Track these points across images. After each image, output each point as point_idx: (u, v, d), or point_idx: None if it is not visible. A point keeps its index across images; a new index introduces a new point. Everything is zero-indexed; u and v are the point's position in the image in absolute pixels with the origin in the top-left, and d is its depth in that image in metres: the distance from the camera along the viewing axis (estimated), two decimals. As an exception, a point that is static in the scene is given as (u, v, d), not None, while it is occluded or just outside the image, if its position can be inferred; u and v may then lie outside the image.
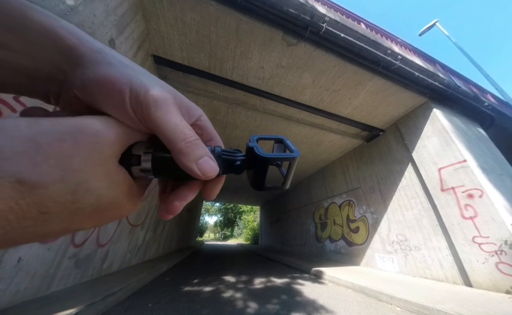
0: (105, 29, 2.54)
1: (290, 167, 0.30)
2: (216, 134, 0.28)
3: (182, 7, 3.13)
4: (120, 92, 0.19)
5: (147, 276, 3.66)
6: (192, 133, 0.22)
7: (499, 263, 3.13)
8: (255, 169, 0.28)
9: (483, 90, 6.89)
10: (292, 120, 5.64)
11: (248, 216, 32.09)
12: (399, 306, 2.72)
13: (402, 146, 5.29)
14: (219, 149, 0.26)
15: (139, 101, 0.19)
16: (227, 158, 0.26)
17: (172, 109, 0.21)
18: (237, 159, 0.27)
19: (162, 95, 0.20)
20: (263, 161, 0.27)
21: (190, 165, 0.21)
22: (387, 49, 4.21)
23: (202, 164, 0.22)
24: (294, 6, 3.48)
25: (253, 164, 0.28)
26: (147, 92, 0.19)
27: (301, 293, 3.30)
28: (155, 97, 0.20)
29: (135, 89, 0.19)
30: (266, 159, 0.27)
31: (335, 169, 8.12)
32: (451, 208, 3.87)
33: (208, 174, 0.22)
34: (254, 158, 0.27)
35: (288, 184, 0.32)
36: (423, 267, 4.24)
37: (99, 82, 0.19)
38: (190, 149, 0.21)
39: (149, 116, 0.20)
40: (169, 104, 0.21)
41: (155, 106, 0.20)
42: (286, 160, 0.29)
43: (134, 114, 0.19)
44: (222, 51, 3.79)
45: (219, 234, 44.79)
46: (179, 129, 0.21)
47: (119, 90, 0.19)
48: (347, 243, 6.73)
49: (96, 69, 0.19)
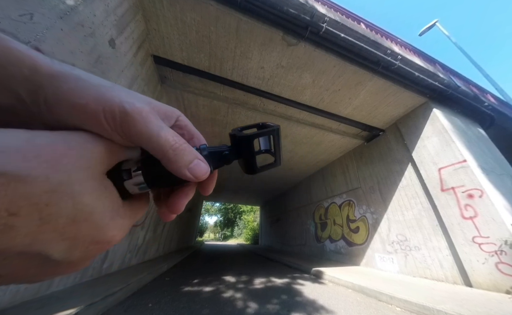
0: (105, 29, 2.54)
1: (275, 141, 0.30)
2: (197, 131, 0.28)
3: (182, 7, 3.13)
4: (93, 116, 0.18)
5: (147, 276, 3.66)
6: (177, 138, 0.22)
7: (499, 263, 3.13)
8: (242, 152, 0.28)
9: (483, 90, 6.89)
10: (292, 120, 5.64)
11: (248, 216, 32.08)
12: (399, 306, 2.72)
13: (402, 146, 5.29)
14: (205, 147, 0.26)
15: (116, 120, 0.19)
16: (215, 152, 0.27)
17: (151, 120, 0.20)
18: (224, 150, 0.28)
19: (138, 109, 0.20)
20: (247, 139, 0.27)
21: (182, 171, 0.22)
22: (387, 49, 4.21)
23: (193, 168, 0.22)
24: (294, 6, 3.48)
25: (240, 149, 0.28)
26: (123, 109, 0.19)
27: (301, 293, 3.30)
28: (132, 113, 0.19)
29: (109, 108, 0.18)
30: (248, 136, 0.27)
31: (335, 169, 8.12)
32: (451, 208, 3.87)
33: (200, 176, 0.23)
34: (238, 141, 0.28)
35: (280, 159, 0.32)
36: (423, 267, 4.24)
37: (68, 108, 0.18)
38: (178, 157, 0.21)
39: (130, 132, 0.19)
40: (147, 115, 0.20)
41: (133, 121, 0.19)
42: (268, 132, 0.30)
43: (116, 133, 0.19)
44: (222, 51, 3.79)
45: (219, 234, 44.78)
46: (164, 139, 0.21)
47: (92, 113, 0.18)
48: (347, 243, 6.73)
49: (61, 95, 0.18)
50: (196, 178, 0.23)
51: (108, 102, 0.19)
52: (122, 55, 2.93)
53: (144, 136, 0.20)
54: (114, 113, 0.19)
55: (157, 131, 0.20)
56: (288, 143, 7.04)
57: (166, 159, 0.21)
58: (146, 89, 3.83)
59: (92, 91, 0.19)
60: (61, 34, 1.97)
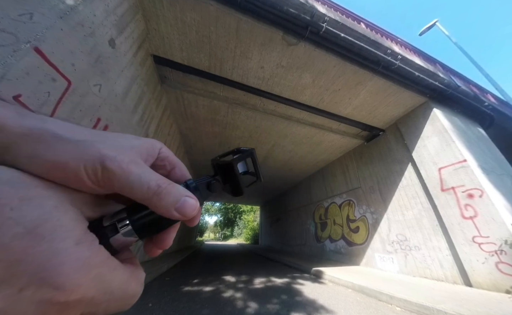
0: (105, 29, 2.54)
1: (254, 161, 0.34)
2: (178, 161, 0.28)
3: (182, 7, 3.13)
4: (74, 174, 0.18)
5: (147, 276, 3.66)
6: (161, 181, 0.21)
7: (499, 263, 3.13)
8: (227, 177, 0.30)
9: (483, 90, 6.88)
10: (292, 120, 5.64)
11: (248, 216, 32.08)
12: (399, 306, 2.72)
13: (402, 146, 5.29)
14: (192, 182, 0.26)
15: (98, 175, 0.18)
16: (202, 184, 0.27)
17: (132, 171, 0.20)
18: (210, 180, 0.28)
19: (118, 162, 0.19)
20: (229, 165, 0.30)
21: (170, 213, 0.21)
22: (387, 49, 4.21)
23: (180, 208, 0.21)
24: (294, 6, 3.47)
25: (224, 175, 0.30)
26: (103, 165, 0.18)
27: (301, 293, 3.30)
28: (112, 168, 0.19)
29: (91, 165, 0.18)
30: (230, 162, 0.30)
31: (335, 169, 8.12)
32: (451, 207, 3.87)
33: (189, 213, 0.22)
34: (222, 169, 0.30)
35: (261, 175, 0.35)
36: (423, 267, 4.24)
37: (45, 168, 0.17)
38: (163, 200, 0.21)
39: (113, 186, 0.19)
40: (127, 167, 0.20)
41: (114, 175, 0.19)
42: (247, 155, 0.33)
43: (100, 188, 0.19)
44: (222, 51, 3.79)
45: (219, 234, 44.78)
46: (146, 186, 0.20)
47: (72, 171, 0.17)
48: (347, 243, 6.73)
49: (37, 156, 0.17)
50: (185, 216, 0.22)
51: (89, 158, 0.18)
52: (122, 55, 2.93)
53: (126, 188, 0.20)
54: (96, 169, 0.18)
55: (139, 182, 0.20)
56: (288, 143, 7.04)
57: (152, 205, 0.21)
58: (146, 89, 3.83)
59: (70, 148, 0.18)
60: (61, 34, 1.97)
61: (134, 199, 0.20)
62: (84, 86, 2.30)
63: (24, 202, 0.15)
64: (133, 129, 3.53)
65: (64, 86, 2.05)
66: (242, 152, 0.33)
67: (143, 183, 0.20)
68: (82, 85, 2.27)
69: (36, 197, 0.16)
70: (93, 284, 0.16)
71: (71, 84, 2.12)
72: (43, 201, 0.16)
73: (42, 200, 0.16)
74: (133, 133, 3.54)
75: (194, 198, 0.23)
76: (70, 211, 0.17)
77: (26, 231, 0.14)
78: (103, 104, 2.67)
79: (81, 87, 2.25)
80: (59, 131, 0.18)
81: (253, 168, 0.34)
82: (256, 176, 0.35)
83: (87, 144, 0.19)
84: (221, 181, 0.30)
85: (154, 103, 4.30)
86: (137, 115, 3.60)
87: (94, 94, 2.48)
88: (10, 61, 1.59)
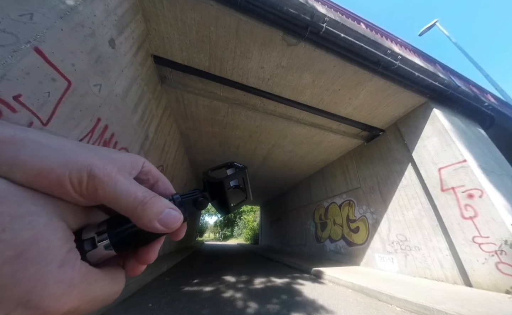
0: (105, 29, 2.54)
1: (245, 179, 0.33)
2: (161, 175, 0.28)
3: (182, 7, 3.13)
4: (57, 181, 0.17)
5: (147, 276, 3.66)
6: (146, 193, 0.22)
7: (499, 263, 3.13)
8: (216, 196, 0.29)
9: (483, 90, 6.89)
10: (292, 120, 5.64)
11: (248, 216, 32.08)
12: (399, 306, 2.72)
13: (402, 146, 5.29)
14: (177, 196, 0.26)
15: (83, 184, 0.18)
16: (188, 199, 0.27)
17: (119, 180, 0.20)
18: (198, 196, 0.28)
19: (107, 171, 0.19)
20: (220, 184, 0.29)
21: (152, 224, 0.21)
22: (387, 49, 4.21)
23: (163, 219, 0.21)
24: (294, 6, 3.48)
25: (213, 192, 0.29)
26: (91, 173, 0.19)
27: (301, 293, 3.30)
28: (101, 176, 0.19)
29: (76, 173, 0.18)
30: (221, 180, 0.29)
31: (335, 169, 8.12)
32: (451, 208, 3.87)
33: (172, 225, 0.22)
34: (211, 186, 0.29)
35: (250, 194, 0.34)
36: (423, 267, 4.24)
37: (28, 176, 0.17)
38: (147, 211, 0.21)
39: (98, 194, 0.19)
40: (115, 176, 0.20)
41: (102, 183, 0.19)
42: (238, 174, 0.32)
43: (79, 196, 0.19)
44: (222, 51, 3.79)
45: (219, 234, 44.77)
46: (132, 197, 0.20)
47: (55, 179, 0.17)
48: (347, 243, 6.73)
49: (19, 163, 0.17)
50: (168, 228, 0.22)
51: (75, 166, 0.18)
52: (122, 55, 2.93)
53: (112, 197, 0.19)
54: (81, 177, 0.18)
55: (125, 191, 0.20)
56: (288, 143, 7.04)
57: (135, 215, 0.20)
58: (146, 89, 3.83)
59: (55, 156, 0.18)
60: (61, 34, 1.97)
61: (118, 209, 0.20)
62: (84, 86, 2.31)
63: (16, 220, 0.15)
64: (133, 129, 3.53)
65: (64, 86, 2.05)
66: (235, 169, 0.33)
67: (130, 193, 0.20)
68: (82, 85, 2.27)
69: (26, 213, 0.16)
70: (77, 298, 0.17)
71: (71, 84, 2.12)
72: (33, 219, 0.16)
73: (32, 217, 0.16)
74: (133, 133, 3.55)
75: (178, 211, 0.23)
76: (58, 229, 0.18)
77: (17, 255, 0.14)
78: (103, 104, 2.67)
79: (81, 87, 2.26)
80: (43, 140, 0.18)
81: (243, 184, 0.34)
82: (245, 194, 0.34)
83: (73, 153, 0.19)
84: (209, 197, 0.29)
85: (154, 103, 4.31)
86: (137, 115, 3.60)
87: (94, 94, 2.48)
88: (10, 61, 1.60)
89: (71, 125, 2.19)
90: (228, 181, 0.30)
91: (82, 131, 2.37)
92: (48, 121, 1.93)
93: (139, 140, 3.82)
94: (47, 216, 0.17)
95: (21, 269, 0.14)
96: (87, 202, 0.20)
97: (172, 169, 6.64)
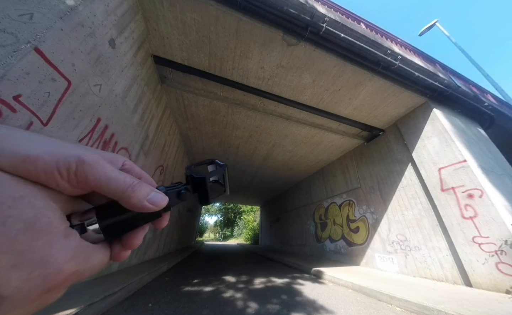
0: (105, 29, 2.54)
1: (224, 176, 0.37)
2: (144, 173, 0.30)
3: (182, 7, 3.13)
4: (44, 167, 0.19)
5: (147, 276, 3.66)
6: (133, 179, 0.24)
7: (499, 263, 3.13)
8: (198, 189, 0.33)
9: (483, 90, 6.89)
10: (292, 120, 5.64)
11: (248, 216, 32.06)
12: (399, 306, 2.72)
13: (402, 146, 5.29)
14: (162, 188, 0.29)
15: (71, 170, 0.20)
16: (172, 191, 0.29)
17: (107, 166, 0.22)
18: (181, 189, 0.30)
19: (93, 158, 0.21)
20: (201, 180, 0.32)
21: (142, 203, 0.23)
22: (387, 49, 4.21)
23: (152, 199, 0.24)
24: (294, 6, 3.48)
25: (195, 187, 0.32)
26: (80, 159, 0.20)
27: (301, 293, 3.30)
28: (89, 162, 0.21)
29: (63, 159, 0.20)
30: (203, 177, 0.32)
31: (335, 169, 8.12)
32: (451, 208, 3.87)
33: (159, 203, 0.25)
34: (194, 181, 0.32)
35: (228, 189, 0.39)
36: (423, 267, 4.24)
37: (15, 162, 0.18)
38: (137, 192, 0.23)
39: (88, 181, 0.21)
40: (103, 163, 0.22)
41: (92, 169, 0.21)
42: (219, 171, 0.36)
43: (66, 182, 0.20)
44: (222, 51, 3.79)
45: (219, 234, 44.76)
46: (121, 180, 0.22)
47: (42, 165, 0.19)
48: (347, 243, 6.73)
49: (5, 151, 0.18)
50: (156, 206, 0.24)
51: (62, 155, 0.20)
52: (122, 55, 2.94)
53: (103, 180, 0.21)
54: (69, 163, 0.20)
55: (115, 175, 0.22)
56: (288, 143, 7.05)
57: (126, 196, 0.22)
58: (146, 89, 3.83)
59: (42, 147, 0.20)
60: (61, 34, 1.97)
61: (109, 192, 0.22)
62: (84, 86, 2.31)
63: (18, 200, 0.17)
64: (133, 129, 3.54)
65: (64, 86, 2.05)
66: (216, 166, 0.36)
67: (119, 178, 0.22)
68: (82, 85, 2.27)
69: (25, 195, 0.18)
70: (82, 263, 0.20)
71: (71, 84, 2.12)
72: (33, 200, 0.18)
73: (31, 199, 0.18)
74: (133, 133, 3.55)
75: (162, 194, 0.26)
76: (56, 210, 0.20)
77: (26, 227, 0.17)
78: (103, 104, 2.67)
79: (81, 87, 2.26)
80: (31, 136, 0.20)
81: (222, 180, 0.38)
82: (224, 189, 0.38)
83: (60, 146, 0.21)
84: (191, 190, 0.32)
85: (154, 103, 4.31)
86: (137, 115, 3.61)
87: (94, 94, 2.48)
88: (10, 61, 1.60)
89: (71, 125, 2.19)
90: (209, 177, 0.33)
91: (82, 131, 2.37)
92: (48, 121, 1.93)
93: (139, 140, 3.82)
94: (42, 199, 0.19)
95: (33, 238, 0.17)
96: (75, 190, 0.21)
97: (172, 168, 6.64)
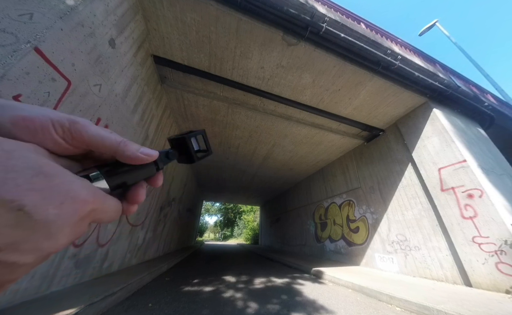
0: (105, 29, 2.54)
1: (205, 138, 0.41)
2: None
3: (182, 7, 3.13)
4: (41, 126, 0.20)
5: (147, 276, 3.66)
6: (122, 137, 0.26)
7: (499, 263, 3.13)
8: (182, 149, 0.37)
9: (483, 90, 6.89)
10: (292, 120, 5.64)
11: (248, 216, 32.06)
12: (399, 306, 2.72)
13: (402, 146, 5.29)
14: None
15: (66, 129, 0.21)
16: (161, 153, 0.32)
17: (98, 127, 0.24)
18: (168, 150, 0.34)
19: (84, 120, 0.23)
20: (182, 139, 0.36)
21: (136, 155, 0.26)
22: (387, 49, 4.21)
23: (143, 151, 0.27)
24: (294, 6, 3.48)
25: (180, 148, 0.36)
26: (72, 120, 0.22)
27: (301, 293, 3.30)
28: (82, 123, 0.22)
29: (57, 120, 0.21)
30: (183, 137, 0.36)
31: (335, 169, 8.12)
32: (451, 208, 3.87)
33: (152, 154, 0.28)
34: (177, 142, 0.36)
35: (211, 149, 0.42)
36: (423, 267, 4.24)
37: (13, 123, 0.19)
38: (129, 146, 0.26)
39: (83, 137, 0.22)
40: (93, 124, 0.24)
41: (85, 127, 0.22)
42: (198, 133, 0.39)
43: (63, 140, 0.22)
44: (222, 51, 3.79)
45: (219, 234, 44.75)
46: (113, 137, 0.25)
47: (39, 124, 0.20)
48: (347, 243, 6.73)
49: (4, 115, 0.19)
50: (150, 157, 0.27)
51: (56, 117, 0.21)
52: (122, 55, 2.94)
53: (97, 137, 0.23)
54: (63, 123, 0.21)
55: (107, 133, 0.24)
56: (288, 143, 7.05)
57: (120, 150, 0.25)
58: (146, 89, 3.83)
59: (36, 109, 0.21)
60: (61, 34, 1.97)
61: (104, 147, 0.24)
62: (84, 86, 2.31)
63: (22, 149, 0.18)
64: (133, 129, 3.54)
65: (64, 86, 2.05)
66: (195, 131, 0.40)
67: (111, 136, 0.24)
68: (82, 85, 2.27)
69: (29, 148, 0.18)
70: (100, 200, 0.22)
71: (71, 84, 2.12)
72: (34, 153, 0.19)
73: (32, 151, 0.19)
74: (133, 133, 3.55)
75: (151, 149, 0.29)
76: (58, 161, 0.21)
77: (36, 173, 0.17)
78: (103, 104, 2.67)
79: (81, 87, 2.26)
80: (25, 105, 0.22)
81: (205, 146, 0.41)
82: (207, 150, 0.41)
83: (53, 112, 0.22)
84: (177, 151, 0.36)
85: (154, 103, 4.31)
86: (137, 115, 3.61)
87: (94, 94, 2.48)
88: (10, 61, 1.60)
89: (71, 125, 2.19)
90: (189, 136, 0.37)
91: (82, 131, 2.37)
92: (48, 121, 1.93)
93: (139, 140, 3.82)
94: (43, 152, 0.20)
95: (50, 179, 0.18)
96: (71, 148, 0.23)
97: (172, 168, 6.64)
